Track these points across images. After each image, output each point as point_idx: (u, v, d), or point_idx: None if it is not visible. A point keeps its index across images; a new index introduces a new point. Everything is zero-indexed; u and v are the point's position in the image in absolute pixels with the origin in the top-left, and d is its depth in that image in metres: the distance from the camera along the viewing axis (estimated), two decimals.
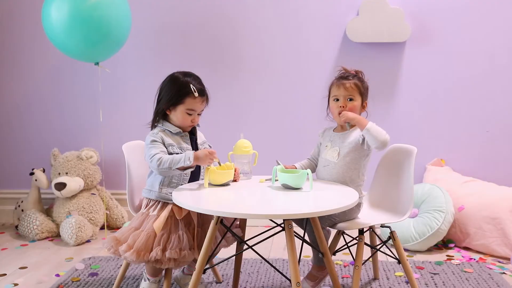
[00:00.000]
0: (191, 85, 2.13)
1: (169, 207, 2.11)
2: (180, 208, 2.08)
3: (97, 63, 3.04)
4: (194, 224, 2.15)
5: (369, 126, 2.08)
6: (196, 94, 2.12)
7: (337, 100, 2.22)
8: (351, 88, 2.21)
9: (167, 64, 3.36)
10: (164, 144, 2.11)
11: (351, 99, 2.21)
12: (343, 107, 2.20)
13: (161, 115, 2.18)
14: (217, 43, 3.38)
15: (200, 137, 2.27)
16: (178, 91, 2.13)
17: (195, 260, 2.14)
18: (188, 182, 2.17)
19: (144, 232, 2.07)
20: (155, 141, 2.11)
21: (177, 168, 2.04)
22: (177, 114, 2.14)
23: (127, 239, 2.07)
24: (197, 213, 2.14)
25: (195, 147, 2.21)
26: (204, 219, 2.19)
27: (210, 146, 2.28)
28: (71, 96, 3.50)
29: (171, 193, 2.08)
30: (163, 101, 2.15)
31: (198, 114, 2.18)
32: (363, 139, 2.16)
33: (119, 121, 3.47)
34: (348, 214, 2.18)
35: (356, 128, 2.22)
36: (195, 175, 2.20)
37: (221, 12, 3.36)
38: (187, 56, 3.38)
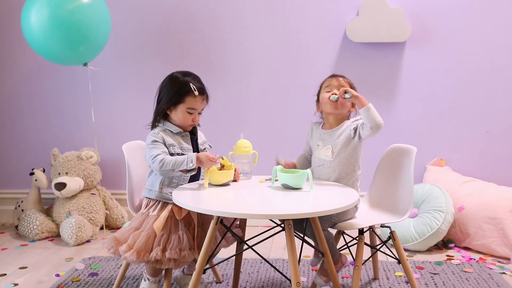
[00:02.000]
0: (190, 84, 2.13)
1: (169, 207, 2.10)
2: (180, 208, 2.08)
3: (85, 64, 3.05)
4: (194, 224, 2.15)
5: (370, 105, 2.08)
6: (196, 93, 2.12)
7: (329, 91, 2.24)
8: (344, 82, 2.24)
9: (163, 63, 3.36)
10: (165, 144, 2.11)
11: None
12: (336, 94, 2.21)
13: (161, 115, 2.18)
14: (215, 42, 3.38)
15: (201, 137, 2.27)
16: (178, 90, 2.13)
17: (195, 260, 2.14)
18: (188, 182, 2.17)
19: (144, 232, 2.07)
20: (156, 141, 2.11)
21: (180, 170, 2.05)
22: (178, 114, 2.14)
23: (127, 239, 2.07)
24: (197, 213, 2.13)
25: (195, 147, 2.21)
26: (204, 219, 2.19)
27: (210, 146, 2.28)
28: (70, 96, 3.50)
29: (171, 193, 2.08)
30: (164, 101, 2.15)
31: (198, 113, 2.18)
32: (354, 132, 2.18)
33: (116, 120, 3.47)
34: (347, 213, 2.18)
35: (343, 123, 2.24)
36: (195, 175, 2.19)
37: (220, 12, 3.36)
38: (185, 55, 3.38)
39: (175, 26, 3.38)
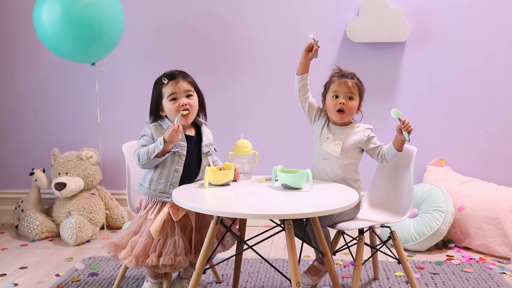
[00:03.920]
0: (161, 78, 2.15)
1: (165, 210, 2.10)
2: (177, 209, 2.08)
3: (93, 63, 3.04)
4: (190, 228, 2.14)
5: (403, 151, 2.16)
6: (166, 81, 2.13)
7: (337, 97, 2.22)
8: (353, 86, 2.21)
9: (166, 63, 3.35)
10: (153, 138, 2.11)
11: (351, 98, 2.21)
12: (343, 104, 2.20)
13: (157, 118, 2.20)
14: (216, 43, 3.38)
15: (208, 138, 2.24)
16: (154, 89, 2.17)
17: (191, 264, 2.14)
18: (186, 182, 2.16)
19: (142, 238, 2.07)
20: (143, 135, 2.13)
21: (156, 157, 2.04)
22: (166, 109, 2.15)
23: (125, 244, 2.08)
24: (195, 217, 2.14)
25: (198, 149, 2.20)
26: (201, 223, 2.18)
27: (215, 150, 2.27)
28: (71, 96, 3.50)
29: (160, 190, 2.10)
30: (152, 106, 2.19)
31: (188, 96, 2.14)
32: (367, 139, 2.19)
33: (118, 120, 3.47)
34: (348, 214, 2.19)
35: (354, 124, 2.24)
36: (192, 175, 2.19)
37: (220, 12, 3.36)
38: (186, 56, 3.38)
39: (176, 27, 3.38)
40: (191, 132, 2.20)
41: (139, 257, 2.03)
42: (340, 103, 2.19)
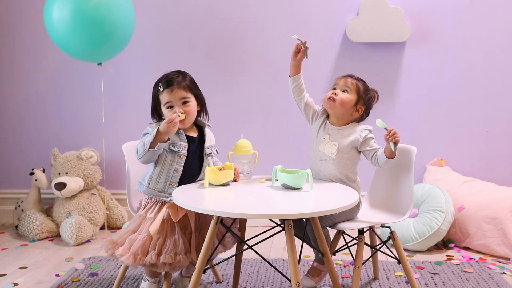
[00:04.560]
0: (158, 82, 2.14)
1: (164, 209, 2.10)
2: (177, 210, 2.08)
3: (100, 63, 3.03)
4: (190, 228, 2.14)
5: (394, 159, 2.12)
6: (161, 88, 2.12)
7: (334, 89, 2.25)
8: (351, 83, 2.24)
9: (169, 64, 3.35)
10: None
11: (345, 91, 2.22)
12: (335, 94, 2.21)
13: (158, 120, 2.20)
14: (217, 44, 3.38)
15: (210, 140, 2.24)
16: (152, 93, 2.17)
17: (192, 263, 2.14)
18: (187, 182, 2.16)
19: (141, 236, 2.07)
20: (145, 133, 2.12)
21: (151, 148, 2.02)
22: (164, 115, 2.15)
23: (123, 242, 2.07)
24: (195, 217, 2.13)
25: (200, 150, 2.19)
26: (202, 223, 2.18)
27: (217, 152, 2.27)
28: (72, 96, 3.50)
29: (159, 190, 2.10)
30: (152, 108, 2.19)
31: (185, 103, 2.13)
32: (364, 140, 2.18)
33: (120, 121, 3.47)
34: (348, 214, 2.19)
35: (357, 125, 2.24)
36: (193, 175, 2.19)
37: (222, 13, 3.36)
38: (188, 57, 3.38)
39: (179, 28, 3.38)
40: (193, 133, 2.20)
41: (137, 255, 2.03)
42: (333, 93, 2.22)
